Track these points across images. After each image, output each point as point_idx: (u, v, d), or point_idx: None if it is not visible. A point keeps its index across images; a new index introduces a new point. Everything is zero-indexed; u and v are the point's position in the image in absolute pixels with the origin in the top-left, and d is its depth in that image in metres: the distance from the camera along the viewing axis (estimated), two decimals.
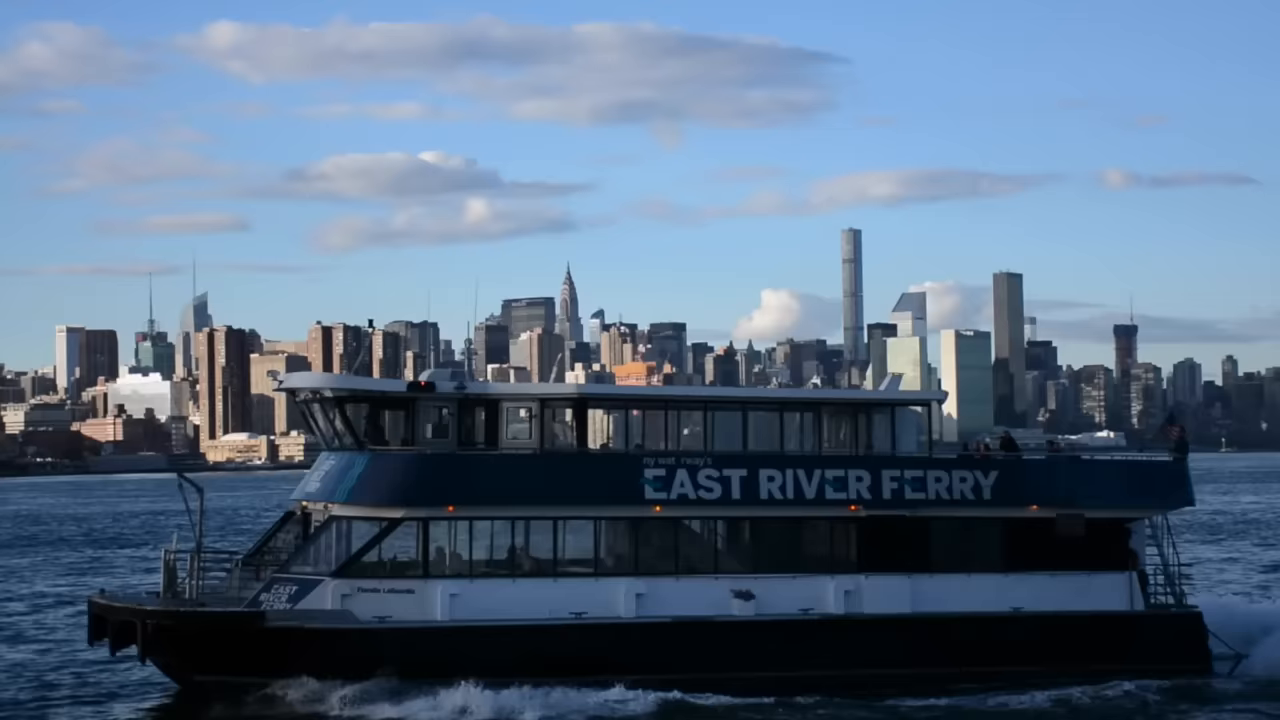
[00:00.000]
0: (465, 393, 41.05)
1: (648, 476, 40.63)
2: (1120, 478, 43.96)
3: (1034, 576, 41.44)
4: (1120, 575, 41.79)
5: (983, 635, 40.88)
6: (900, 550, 40.91)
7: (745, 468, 40.92)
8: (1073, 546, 41.65)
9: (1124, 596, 41.83)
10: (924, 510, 41.15)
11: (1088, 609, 41.47)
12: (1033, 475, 43.23)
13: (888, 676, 40.06)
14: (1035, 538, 41.68)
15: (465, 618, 39.17)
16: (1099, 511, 41.98)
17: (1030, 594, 41.33)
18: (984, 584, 41.24)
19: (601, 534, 40.76)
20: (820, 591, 40.63)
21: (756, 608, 40.17)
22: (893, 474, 41.17)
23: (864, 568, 40.86)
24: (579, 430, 41.48)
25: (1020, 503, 41.74)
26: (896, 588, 40.71)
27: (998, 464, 42.70)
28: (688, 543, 41.24)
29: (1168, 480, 43.45)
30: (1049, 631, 41.15)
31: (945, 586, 41.00)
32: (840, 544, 41.14)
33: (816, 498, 40.96)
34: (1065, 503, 41.95)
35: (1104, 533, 41.81)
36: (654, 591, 40.03)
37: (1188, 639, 41.78)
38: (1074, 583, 41.56)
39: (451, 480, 40.00)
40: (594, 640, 39.53)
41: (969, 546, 41.57)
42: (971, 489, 41.50)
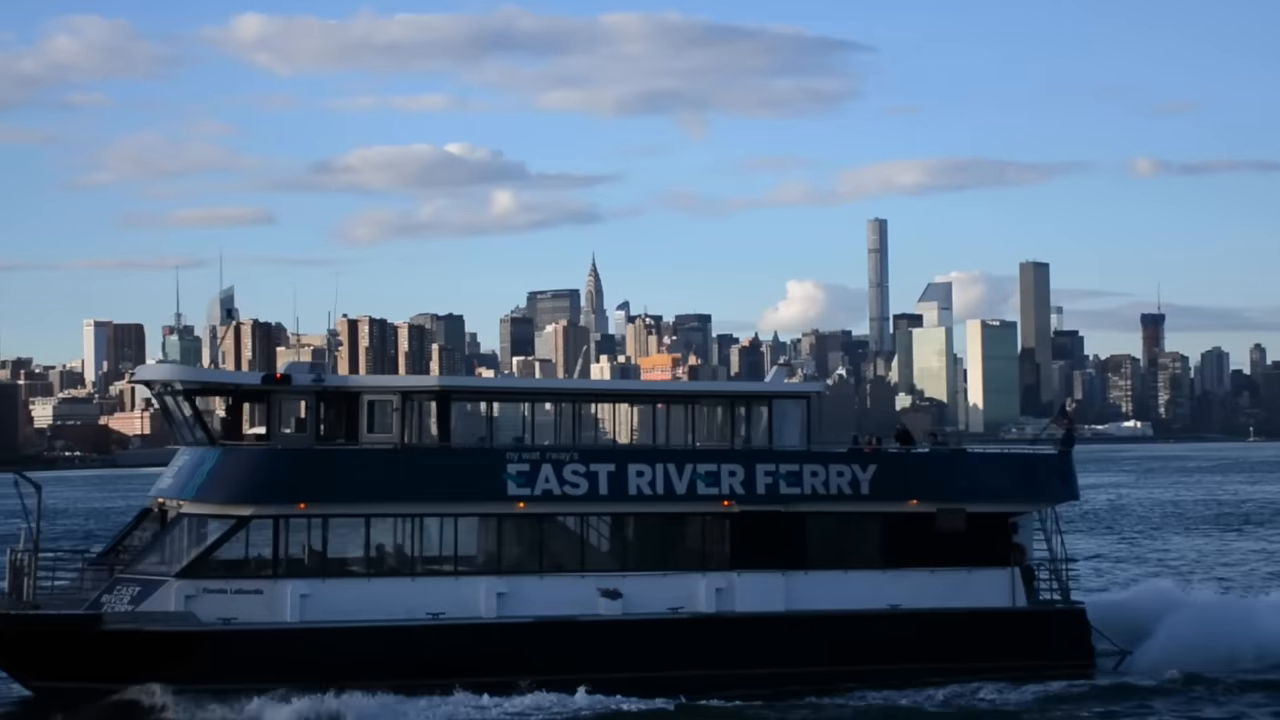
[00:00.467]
0: (323, 386, 39.92)
1: (510, 472, 39.52)
2: (1003, 471, 42.95)
3: (913, 573, 40.60)
4: (1002, 571, 40.88)
5: (859, 633, 39.99)
6: (774, 547, 40.05)
7: (613, 462, 40.02)
8: (953, 542, 40.76)
9: (1005, 593, 40.91)
10: (799, 506, 40.35)
11: (968, 606, 40.59)
12: (912, 469, 42.20)
13: (761, 676, 39.17)
14: (915, 533, 40.84)
15: (316, 619, 38.08)
16: (981, 506, 41.12)
17: (909, 591, 40.49)
18: (861, 581, 40.37)
19: (461, 531, 39.75)
20: (691, 589, 39.71)
21: (624, 607, 39.26)
22: (767, 469, 40.29)
23: (737, 565, 39.94)
24: (441, 424, 40.23)
25: (899, 497, 40.95)
26: (770, 585, 39.84)
27: (876, 458, 41.78)
28: (553, 540, 40.10)
29: (1052, 474, 42.48)
30: (927, 629, 40.29)
31: (821, 584, 40.12)
32: (712, 541, 40.25)
33: (688, 493, 40.06)
34: (946, 497, 41.08)
35: (986, 528, 40.90)
36: (516, 591, 39.05)
37: (1070, 636, 40.86)
38: (954, 579, 40.72)
39: (304, 476, 38.92)
40: (452, 641, 38.50)
41: (846, 543, 40.75)
42: (849, 483, 40.65)
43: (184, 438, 40.86)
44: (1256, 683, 40.49)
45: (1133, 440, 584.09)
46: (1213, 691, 39.63)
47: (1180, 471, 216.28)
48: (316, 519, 38.92)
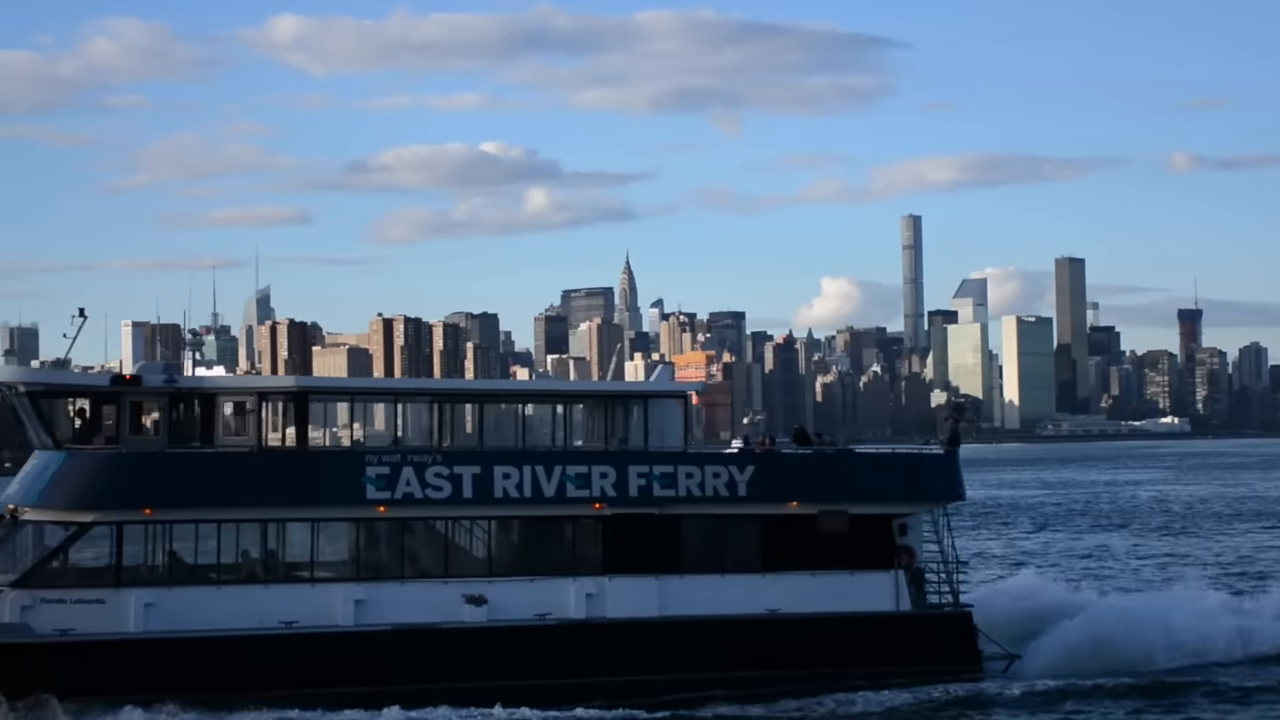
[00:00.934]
0: (176, 387, 38.49)
1: (370, 475, 38.11)
2: (887, 472, 41.53)
3: (793, 576, 39.38)
4: (886, 574, 39.77)
5: (737, 639, 38.79)
6: (648, 550, 38.81)
7: (478, 465, 38.53)
8: (835, 544, 39.55)
9: (889, 596, 39.78)
10: (674, 508, 39.08)
11: (850, 610, 39.38)
12: (792, 470, 40.85)
13: (634, 684, 37.83)
14: (795, 536, 39.60)
15: (162, 629, 36.58)
16: (863, 507, 39.90)
17: (789, 595, 39.31)
18: (739, 585, 39.21)
19: (318, 537, 38.22)
20: (560, 595, 38.44)
21: (489, 613, 37.98)
22: (640, 470, 38.95)
23: (609, 569, 38.65)
24: (299, 425, 38.77)
25: (779, 499, 39.70)
26: (643, 590, 38.59)
27: (755, 458, 40.46)
28: (415, 545, 38.75)
29: (937, 475, 41.23)
30: (808, 634, 39.05)
31: (697, 588, 38.88)
32: (583, 545, 38.98)
33: (557, 496, 38.71)
34: (828, 498, 39.86)
35: (869, 529, 39.73)
36: (375, 597, 37.72)
37: (956, 640, 39.80)
38: (836, 582, 39.53)
39: (151, 481, 37.46)
40: (306, 651, 36.98)
41: (723, 546, 39.53)
42: (725, 485, 39.36)
43: (34, 441, 39.38)
44: (1137, 687, 39.33)
45: (1170, 436, 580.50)
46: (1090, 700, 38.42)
47: (1220, 468, 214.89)
48: (163, 525, 37.40)
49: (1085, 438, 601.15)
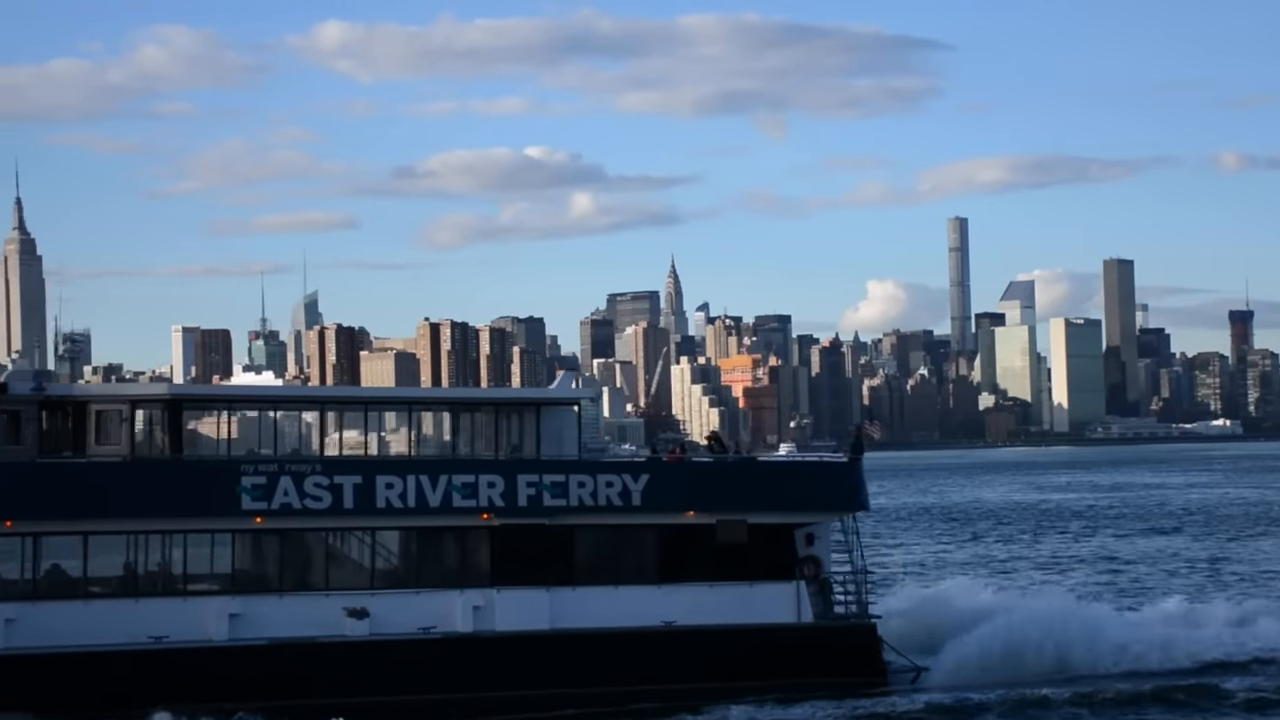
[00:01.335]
0: (45, 395, 37.29)
1: (245, 485, 36.81)
2: (787, 481, 40.39)
3: (690, 588, 38.33)
4: (786, 585, 38.71)
5: (630, 652, 37.73)
6: (538, 562, 37.74)
7: (360, 474, 37.45)
8: (734, 555, 38.47)
9: (790, 607, 38.69)
10: (565, 518, 37.98)
11: (749, 622, 38.33)
12: (689, 479, 39.84)
13: (524, 699, 36.89)
14: (692, 546, 38.57)
15: (24, 645, 35.35)
16: (763, 517, 38.77)
17: (685, 607, 38.23)
18: (634, 597, 38.09)
19: (190, 549, 36.98)
20: (446, 608, 37.40)
21: (371, 627, 36.90)
22: (530, 479, 37.90)
23: (497, 581, 37.62)
24: (173, 434, 37.54)
25: (675, 508, 38.56)
26: (533, 602, 37.54)
27: (650, 467, 39.82)
28: (293, 557, 37.60)
29: (839, 484, 40.18)
30: (705, 647, 38.05)
31: (590, 600, 37.89)
32: (470, 556, 37.93)
33: (442, 506, 37.55)
34: (726, 508, 38.72)
35: (769, 539, 38.62)
36: (251, 611, 36.57)
37: (860, 652, 38.81)
38: (735, 594, 38.45)
39: (13, 492, 36.11)
40: (177, 667, 35.84)
41: (617, 557, 38.51)
42: (619, 494, 38.12)
43: None
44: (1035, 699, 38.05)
45: (1222, 439, 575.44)
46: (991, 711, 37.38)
47: (1272, 471, 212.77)
48: (26, 537, 35.99)
49: (1135, 441, 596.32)
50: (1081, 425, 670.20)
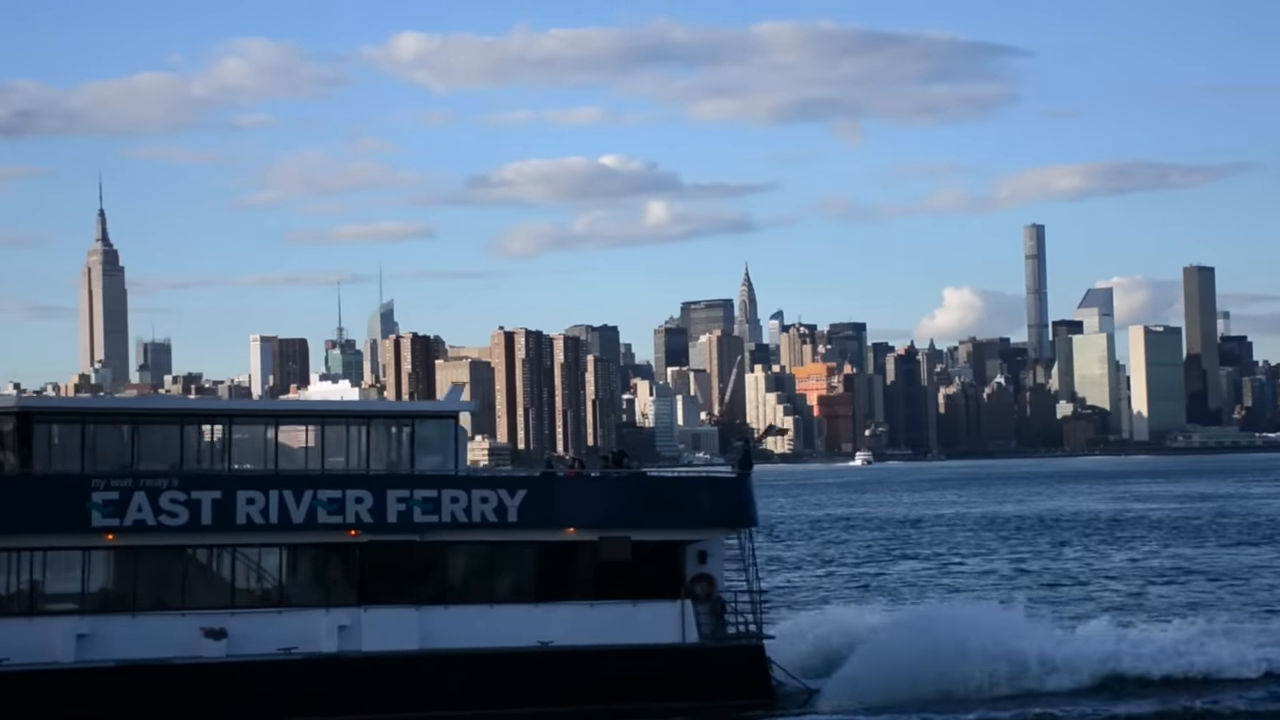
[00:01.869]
0: None
1: (96, 501, 35.09)
2: (673, 497, 39.14)
3: (569, 607, 37.03)
4: (671, 604, 37.42)
5: (504, 673, 36.42)
6: (408, 580, 36.47)
7: (220, 489, 35.74)
8: (617, 573, 37.26)
9: (674, 627, 37.41)
10: (437, 535, 36.65)
11: (631, 642, 37.01)
12: (570, 495, 38.38)
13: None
14: (572, 564, 37.26)
15: None
16: (647, 534, 37.51)
17: (564, 626, 36.92)
18: (509, 616, 36.75)
19: (39, 567, 35.31)
20: (310, 627, 35.88)
21: (229, 647, 35.36)
22: (400, 494, 36.44)
23: (364, 600, 36.19)
24: (22, 448, 35.67)
25: (554, 525, 37.29)
26: (402, 622, 36.17)
27: (527, 482, 38.60)
28: (148, 575, 35.83)
29: (727, 500, 38.89)
30: (584, 668, 36.71)
31: (463, 619, 36.52)
32: (336, 573, 36.59)
33: (307, 522, 35.91)
34: (608, 525, 37.47)
35: (653, 557, 37.42)
36: (101, 632, 34.92)
37: (747, 674, 37.50)
38: (617, 613, 37.18)
39: None
40: (20, 690, 34.05)
41: (493, 575, 37.25)
42: (494, 510, 36.76)
43: None
44: None
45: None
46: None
47: None
48: None
49: (1217, 450, 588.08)
50: (1162, 434, 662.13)
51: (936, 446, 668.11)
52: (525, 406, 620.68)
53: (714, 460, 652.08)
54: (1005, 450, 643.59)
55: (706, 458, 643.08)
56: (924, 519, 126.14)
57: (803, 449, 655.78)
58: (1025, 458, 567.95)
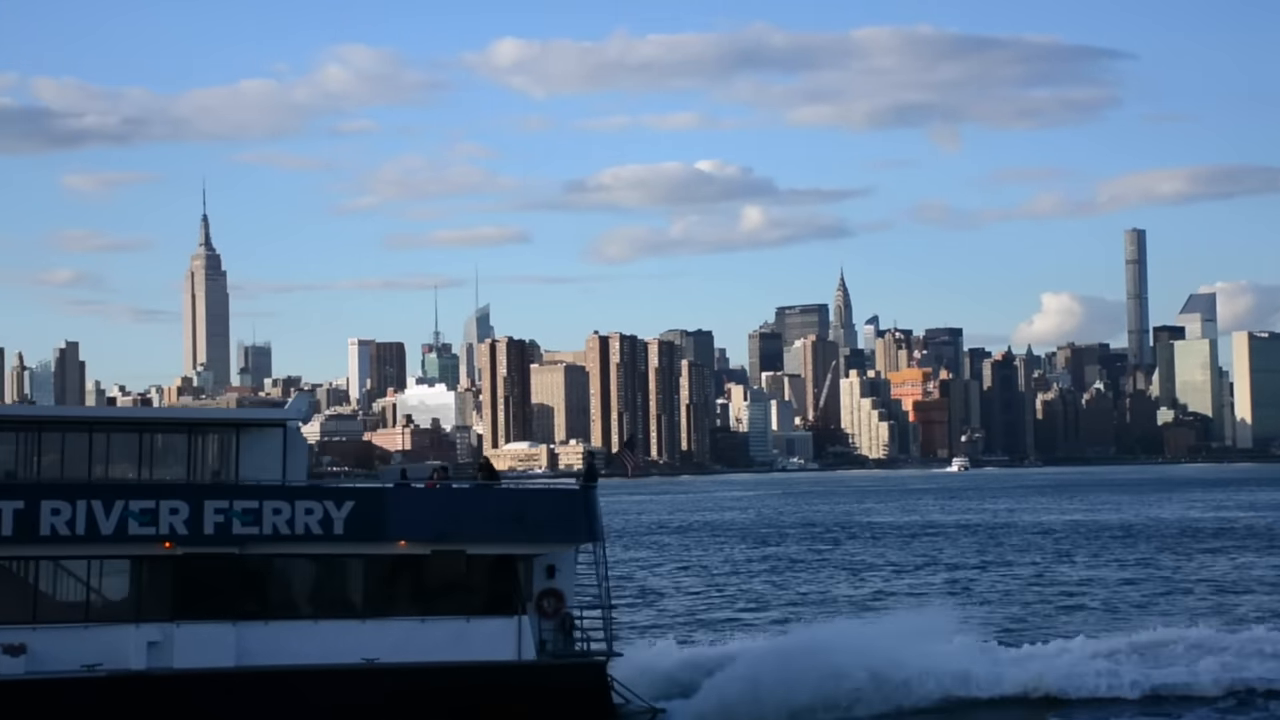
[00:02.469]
0: None
1: None
2: (510, 510, 37.73)
3: (399, 623, 35.96)
4: (507, 620, 36.32)
5: (326, 691, 35.17)
6: (226, 594, 35.22)
7: (22, 499, 34.40)
8: (451, 588, 36.34)
9: (510, 644, 36.26)
10: (258, 547, 35.43)
11: (463, 659, 35.86)
12: (401, 507, 37.14)
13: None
14: (404, 578, 36.27)
15: None
16: (483, 548, 36.44)
17: (393, 643, 35.78)
18: (334, 632, 35.58)
19: None
20: (117, 643, 34.50)
21: (29, 664, 33.91)
22: (219, 506, 35.23)
23: (178, 615, 34.88)
24: None
25: (384, 538, 36.04)
26: (218, 638, 34.91)
27: (356, 494, 37.46)
28: None
29: (568, 513, 37.77)
30: (412, 686, 35.61)
31: (284, 636, 35.36)
32: (148, 587, 35.15)
33: (117, 533, 34.63)
34: (441, 538, 36.34)
35: (489, 572, 36.49)
36: None
37: (585, 692, 36.42)
38: (449, 629, 36.08)
39: None
40: None
41: (318, 589, 36.21)
42: (320, 522, 35.59)
43: None
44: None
45: None
46: None
47: None
48: None
49: None
50: (1266, 441, 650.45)
51: (1033, 453, 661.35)
52: (619, 411, 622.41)
53: (807, 465, 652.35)
54: (1104, 457, 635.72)
55: (800, 463, 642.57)
56: (1016, 525, 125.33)
57: (897, 454, 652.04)
58: (1124, 464, 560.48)
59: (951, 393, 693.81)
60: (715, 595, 67.86)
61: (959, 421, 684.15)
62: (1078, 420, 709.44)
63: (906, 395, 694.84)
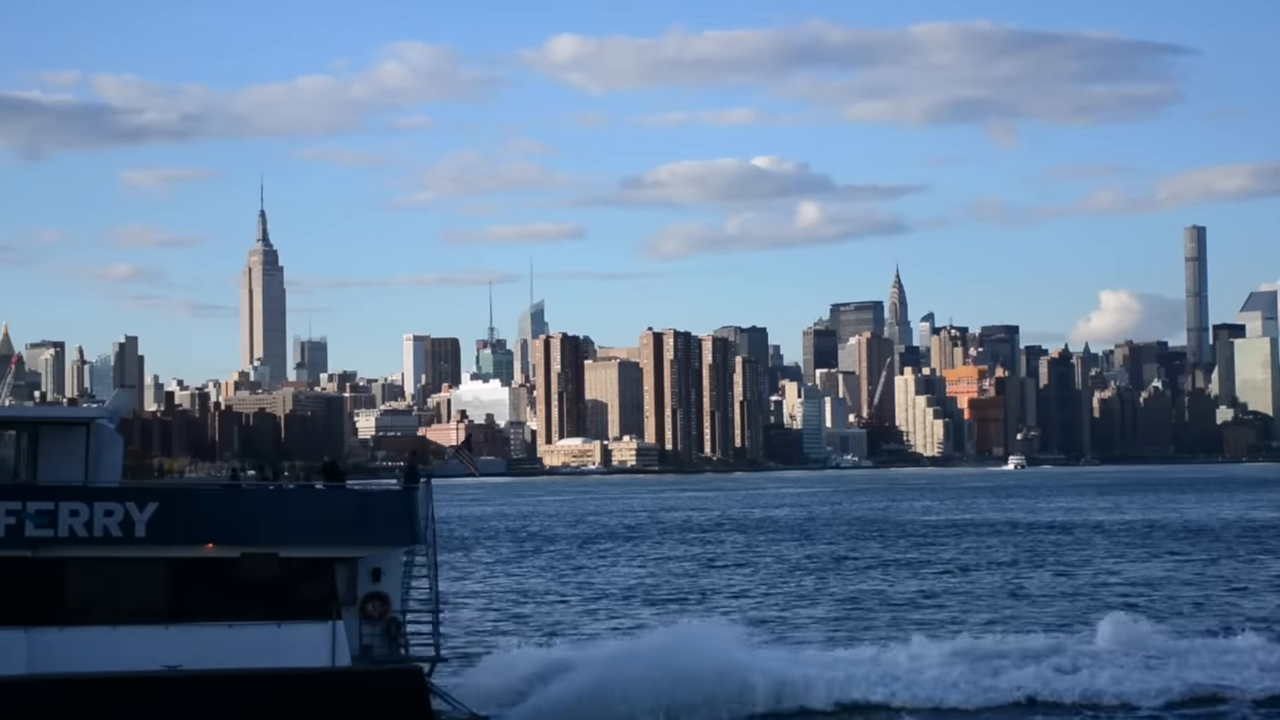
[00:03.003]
0: None
1: None
2: (325, 512, 36.84)
3: (205, 628, 34.86)
4: (321, 625, 35.39)
5: (124, 699, 34.03)
6: (18, 599, 34.16)
7: None
8: (262, 592, 35.27)
9: (324, 650, 35.32)
10: (52, 550, 34.28)
11: (272, 666, 34.84)
12: (208, 509, 36.31)
13: None
14: (211, 582, 35.19)
15: None
16: (296, 550, 35.51)
17: (197, 649, 34.71)
18: (135, 638, 34.44)
19: None
20: None
21: None
22: (11, 507, 34.11)
23: None
24: None
25: (190, 541, 35.06)
26: (8, 645, 33.71)
27: (160, 494, 36.41)
28: None
29: (386, 515, 36.84)
30: (216, 693, 34.55)
31: (79, 642, 34.12)
32: None
33: None
34: (253, 540, 35.34)
35: (303, 576, 35.53)
36: None
37: (402, 698, 35.46)
38: (258, 635, 35.07)
39: None
40: None
41: (117, 594, 34.87)
42: (120, 525, 34.51)
43: None
44: None
45: None
46: None
47: None
48: None
49: None
50: None
51: (1090, 451, 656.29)
52: (673, 407, 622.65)
53: (861, 463, 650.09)
54: (1162, 456, 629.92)
55: (854, 460, 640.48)
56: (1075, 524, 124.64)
57: (952, 452, 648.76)
58: (1183, 464, 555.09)
59: (1007, 390, 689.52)
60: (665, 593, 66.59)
61: (1014, 419, 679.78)
62: (1135, 419, 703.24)
63: (962, 393, 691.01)
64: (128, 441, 40.22)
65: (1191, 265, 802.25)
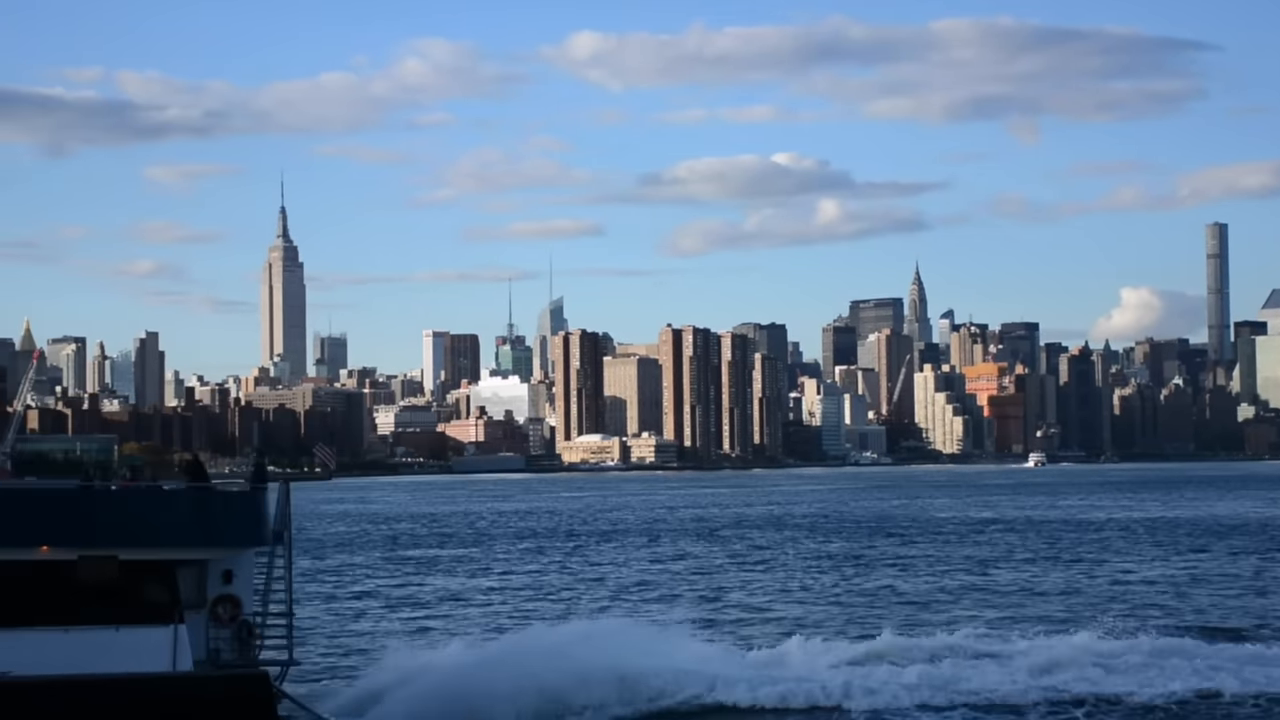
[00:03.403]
0: None
1: None
2: (166, 513, 36.03)
3: (37, 633, 33.92)
4: (162, 629, 34.49)
5: None
6: None
7: None
8: (101, 595, 34.36)
9: (164, 655, 34.45)
10: None
11: (108, 671, 33.85)
12: (43, 509, 35.06)
13: None
14: (46, 586, 34.40)
15: None
16: (137, 553, 34.69)
17: (29, 655, 33.72)
18: None
19: None
20: None
21: None
22: None
23: None
24: None
25: (23, 543, 34.24)
26: None
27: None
28: None
29: (233, 516, 36.02)
30: (49, 701, 33.63)
31: None
32: None
33: None
34: (90, 542, 34.46)
35: (144, 578, 34.73)
36: None
37: (246, 702, 34.53)
38: (95, 640, 34.10)
39: None
40: None
41: None
42: None
43: None
44: None
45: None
46: None
47: None
48: None
49: None
50: None
51: (1110, 449, 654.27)
52: (692, 404, 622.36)
53: (880, 460, 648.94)
54: (1183, 453, 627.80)
55: (873, 457, 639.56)
56: (1097, 521, 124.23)
57: (971, 450, 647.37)
58: (1203, 461, 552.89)
59: (1027, 388, 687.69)
60: None
61: (1034, 417, 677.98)
62: (1156, 416, 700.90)
63: (981, 390, 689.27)
64: (148, 437, 39.78)
65: (1213, 262, 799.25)
